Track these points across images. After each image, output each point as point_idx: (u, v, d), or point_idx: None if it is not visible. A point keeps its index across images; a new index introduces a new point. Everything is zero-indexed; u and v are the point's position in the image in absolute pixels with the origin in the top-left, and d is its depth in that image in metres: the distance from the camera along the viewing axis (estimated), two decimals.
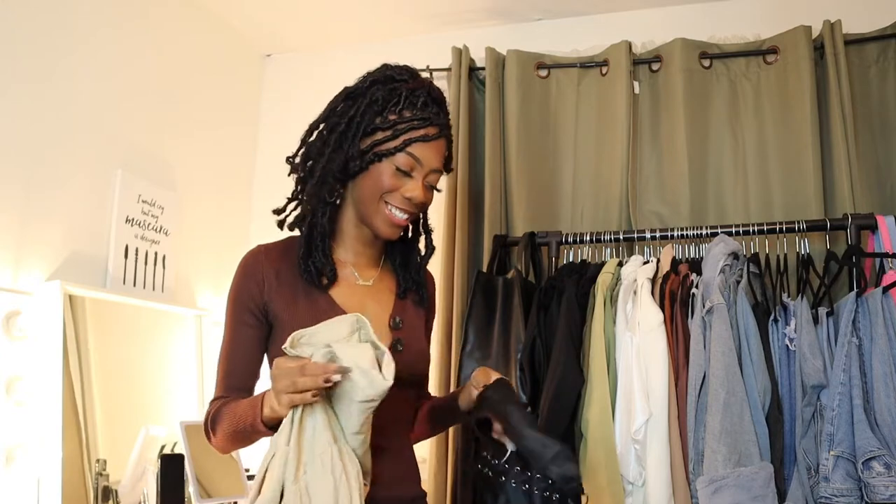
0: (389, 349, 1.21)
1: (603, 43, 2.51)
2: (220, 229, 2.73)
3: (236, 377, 1.31)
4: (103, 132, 2.17)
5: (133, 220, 2.22)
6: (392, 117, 1.29)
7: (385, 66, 1.36)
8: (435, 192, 1.37)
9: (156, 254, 2.31)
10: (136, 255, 2.23)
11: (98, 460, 1.94)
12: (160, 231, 2.33)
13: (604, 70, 2.49)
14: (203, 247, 2.61)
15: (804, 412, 1.75)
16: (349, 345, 1.14)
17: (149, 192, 2.29)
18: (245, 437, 1.24)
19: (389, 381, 1.11)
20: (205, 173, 2.65)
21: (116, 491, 1.95)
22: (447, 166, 1.38)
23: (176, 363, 2.36)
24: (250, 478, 2.30)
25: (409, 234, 1.44)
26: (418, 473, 1.40)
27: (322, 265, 1.31)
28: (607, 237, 2.20)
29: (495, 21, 2.73)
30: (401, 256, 1.43)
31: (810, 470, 1.72)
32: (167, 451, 2.06)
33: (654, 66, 2.46)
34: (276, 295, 1.30)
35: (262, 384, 1.30)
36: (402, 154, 1.27)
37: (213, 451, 1.33)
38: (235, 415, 1.22)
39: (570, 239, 2.23)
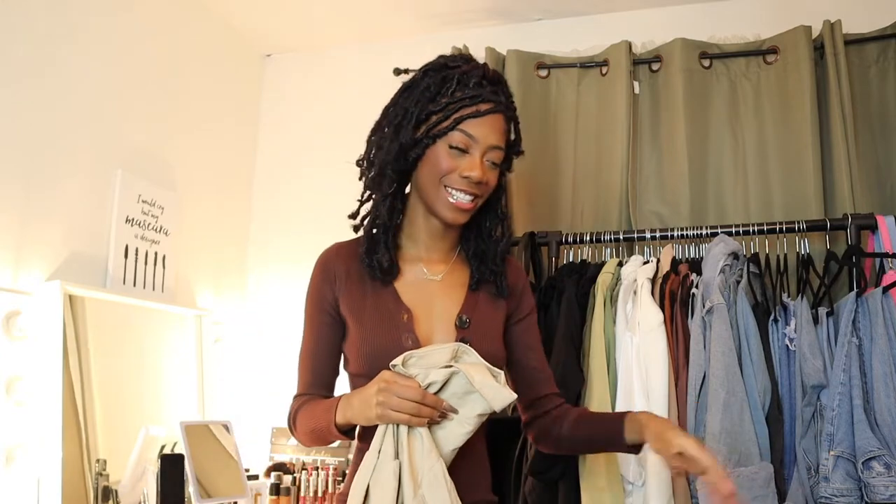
0: None
1: (603, 43, 2.51)
2: (220, 229, 2.74)
3: (317, 375, 1.33)
4: (103, 132, 2.17)
5: (133, 220, 2.22)
6: (444, 100, 1.27)
7: (440, 56, 1.35)
8: (508, 174, 1.36)
9: (156, 254, 2.31)
10: (136, 255, 2.23)
11: (98, 460, 1.94)
12: (160, 231, 2.33)
13: (604, 70, 2.49)
14: (203, 247, 2.61)
15: (804, 412, 1.75)
16: (468, 364, 1.17)
17: (149, 192, 2.29)
18: (322, 437, 1.27)
19: (514, 395, 1.17)
20: (205, 173, 2.65)
21: (116, 491, 1.95)
22: (515, 147, 1.36)
23: (176, 363, 2.36)
24: (251, 478, 2.30)
25: (487, 224, 1.38)
26: (489, 479, 1.38)
27: (382, 259, 1.31)
28: (607, 237, 2.20)
29: (495, 21, 2.73)
30: (475, 247, 1.38)
31: (810, 470, 1.72)
32: (167, 451, 2.06)
33: (654, 66, 2.45)
34: (345, 292, 1.31)
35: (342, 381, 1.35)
36: (455, 132, 1.26)
37: (213, 451, 1.34)
38: (313, 416, 1.26)
39: (570, 239, 2.22)
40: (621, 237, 2.20)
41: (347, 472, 1.36)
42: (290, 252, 2.76)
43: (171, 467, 1.94)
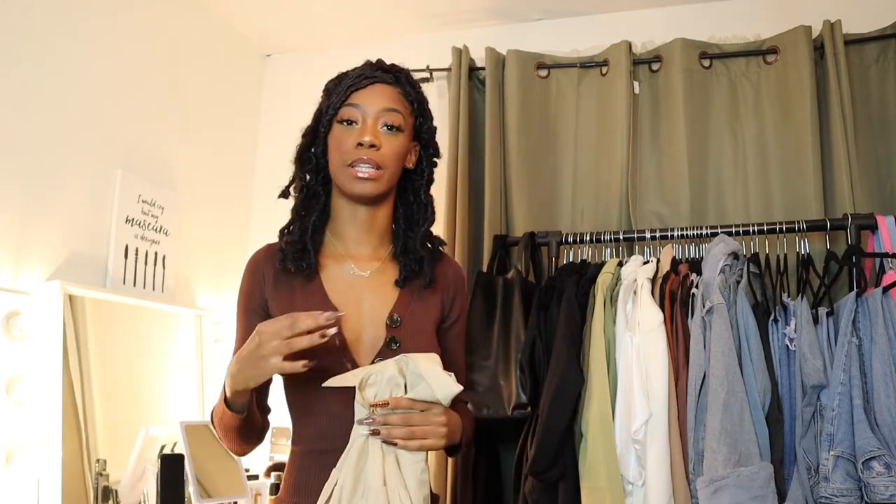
0: (384, 347, 1.25)
1: (603, 43, 2.51)
2: (220, 229, 2.73)
3: None
4: (103, 132, 2.17)
5: (133, 220, 2.22)
6: (335, 93, 1.32)
7: None
8: (436, 160, 1.38)
9: (156, 254, 2.31)
10: (136, 255, 2.23)
11: (98, 460, 1.94)
12: (160, 231, 2.33)
13: (604, 70, 2.49)
14: (203, 247, 2.61)
15: (804, 412, 1.75)
16: (421, 355, 1.18)
17: (149, 192, 2.29)
18: (225, 424, 1.25)
19: (459, 387, 1.15)
20: (205, 173, 2.65)
21: (116, 491, 1.95)
22: (423, 125, 1.36)
23: (176, 363, 2.36)
24: (251, 478, 2.30)
25: (413, 214, 1.37)
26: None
27: (291, 249, 1.31)
28: (607, 237, 2.20)
29: (495, 21, 2.73)
30: (403, 242, 1.36)
31: (810, 470, 1.72)
32: (167, 451, 2.06)
33: (654, 66, 2.46)
34: (273, 292, 1.32)
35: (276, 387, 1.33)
36: (343, 108, 1.30)
37: (213, 451, 1.34)
38: (217, 404, 1.25)
39: (570, 239, 2.23)
40: (621, 237, 2.20)
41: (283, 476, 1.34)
42: None
43: (171, 467, 1.94)
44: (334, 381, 1.16)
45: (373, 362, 1.24)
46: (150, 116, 2.38)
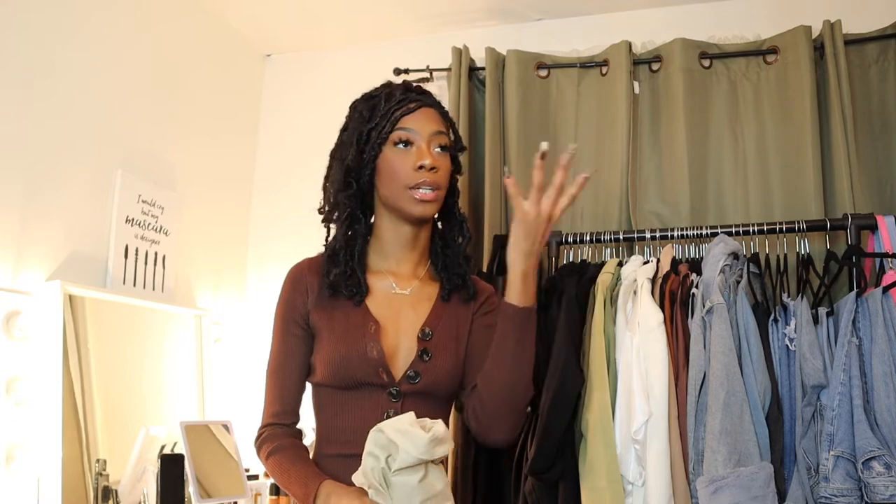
0: (416, 358, 1.27)
1: (603, 43, 2.51)
2: (220, 229, 2.74)
3: (284, 400, 1.36)
4: (103, 132, 2.17)
5: (133, 220, 2.22)
6: (377, 116, 1.35)
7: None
8: (458, 177, 1.42)
9: (156, 254, 2.31)
10: (136, 255, 2.23)
11: (98, 460, 1.94)
12: (160, 231, 2.33)
13: (604, 70, 2.49)
14: (203, 247, 2.61)
15: (804, 412, 1.75)
16: (390, 421, 1.15)
17: (149, 192, 2.29)
18: (283, 485, 1.34)
19: (431, 436, 1.10)
20: (205, 173, 2.65)
21: (116, 491, 1.95)
22: (457, 144, 1.41)
23: (176, 363, 2.36)
24: (251, 478, 2.30)
25: (449, 230, 1.43)
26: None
27: (342, 279, 1.34)
28: (607, 237, 2.19)
29: (495, 21, 2.73)
30: (443, 258, 1.42)
31: (810, 470, 1.72)
32: (167, 451, 2.06)
33: (654, 66, 2.45)
34: (316, 306, 1.35)
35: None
36: (395, 132, 1.32)
37: (213, 451, 1.36)
38: (287, 477, 1.30)
39: (570, 239, 2.22)
40: (621, 237, 2.20)
41: None
42: (290, 252, 2.74)
43: (171, 467, 1.94)
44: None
45: (405, 373, 1.28)
46: (150, 116, 2.38)
